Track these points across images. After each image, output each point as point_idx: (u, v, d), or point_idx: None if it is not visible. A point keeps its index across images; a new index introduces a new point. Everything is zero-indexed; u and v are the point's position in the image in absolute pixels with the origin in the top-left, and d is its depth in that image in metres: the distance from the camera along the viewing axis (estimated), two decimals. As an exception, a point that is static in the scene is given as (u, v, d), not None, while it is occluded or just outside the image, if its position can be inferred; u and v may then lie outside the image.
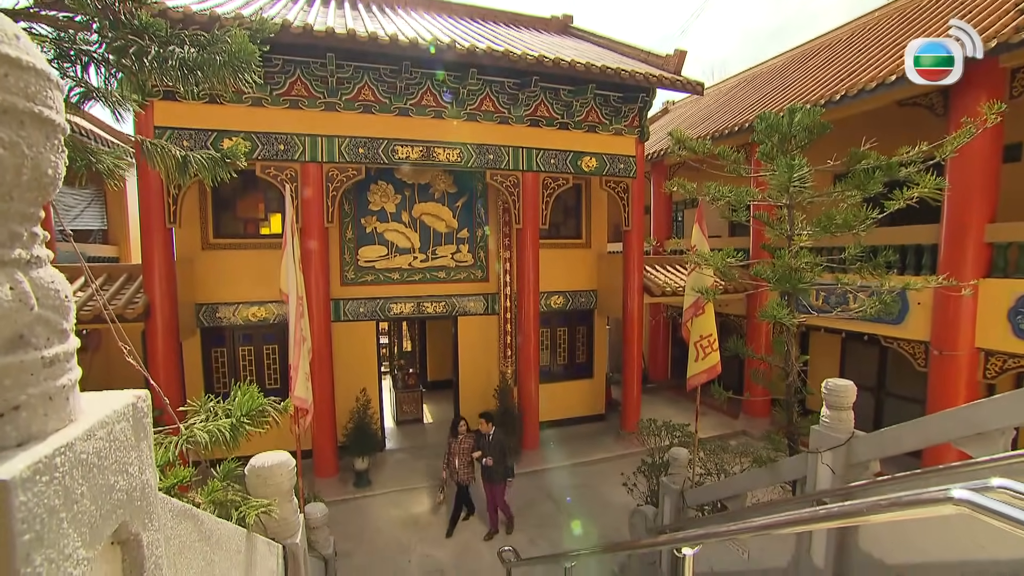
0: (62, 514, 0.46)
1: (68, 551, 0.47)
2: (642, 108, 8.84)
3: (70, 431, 0.49)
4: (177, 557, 0.96)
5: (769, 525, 2.01)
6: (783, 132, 3.89)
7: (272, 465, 2.35)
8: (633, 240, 9.06)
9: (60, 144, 0.51)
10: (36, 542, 0.42)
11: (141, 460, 0.64)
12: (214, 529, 1.20)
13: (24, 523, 0.41)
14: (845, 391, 3.61)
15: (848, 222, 3.56)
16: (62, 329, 0.51)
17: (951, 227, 6.85)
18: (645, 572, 5.76)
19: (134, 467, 0.61)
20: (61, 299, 0.51)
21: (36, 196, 0.49)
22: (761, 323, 9.63)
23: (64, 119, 0.51)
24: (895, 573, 3.24)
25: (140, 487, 0.63)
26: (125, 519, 0.59)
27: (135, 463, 0.62)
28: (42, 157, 0.48)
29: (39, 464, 0.43)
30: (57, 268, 0.56)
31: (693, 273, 5.00)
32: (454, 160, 7.87)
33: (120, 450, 0.58)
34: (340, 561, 5.92)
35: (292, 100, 7.11)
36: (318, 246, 7.45)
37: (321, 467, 7.79)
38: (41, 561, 0.43)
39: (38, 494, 0.43)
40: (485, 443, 6.43)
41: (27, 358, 0.47)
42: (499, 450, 6.37)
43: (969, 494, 1.24)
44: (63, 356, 0.51)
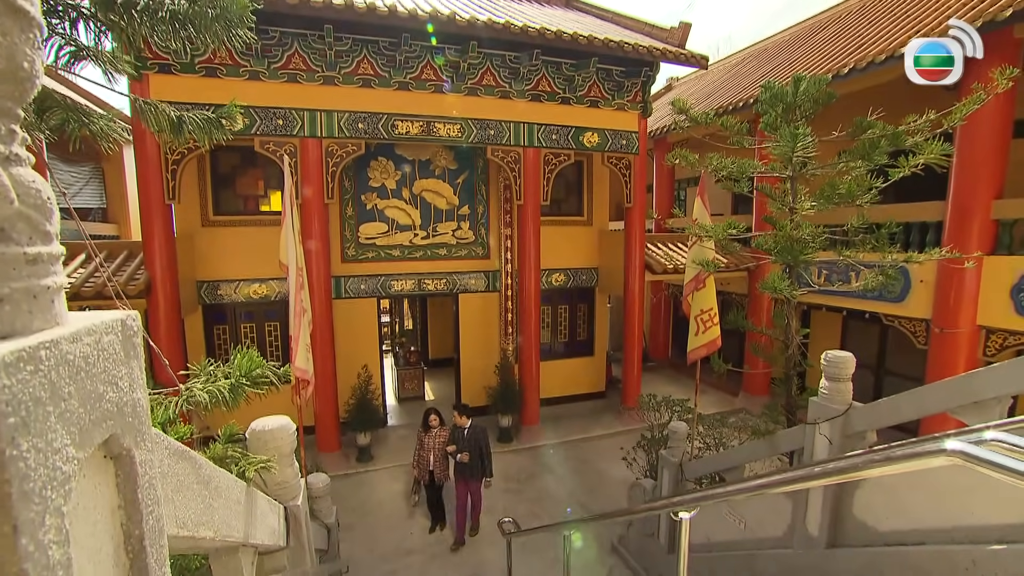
0: (49, 407, 0.46)
1: (57, 445, 0.47)
2: (645, 83, 8.70)
3: (56, 331, 0.49)
4: (175, 495, 0.97)
5: (765, 484, 2.03)
6: (788, 102, 3.82)
7: (273, 428, 2.38)
8: (635, 217, 9.00)
9: (37, 41, 0.50)
10: (22, 427, 0.42)
11: (131, 377, 0.64)
12: (213, 475, 1.22)
13: (8, 406, 0.40)
14: (844, 362, 3.62)
15: (851, 191, 3.52)
16: (45, 231, 0.50)
17: (957, 203, 6.79)
18: (643, 543, 5.87)
19: (124, 383, 0.61)
20: (43, 199, 0.50)
21: (12, 90, 0.48)
22: (763, 301, 9.63)
23: (40, 15, 0.50)
24: (887, 539, 3.30)
25: (131, 404, 0.63)
26: (116, 432, 0.59)
27: (125, 379, 0.62)
28: (17, 48, 0.47)
29: (23, 352, 0.43)
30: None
31: (694, 247, 4.99)
32: (454, 135, 7.79)
33: (108, 361, 0.58)
34: (343, 533, 6.03)
35: (290, 74, 7.01)
36: (318, 223, 7.42)
37: (324, 442, 7.89)
38: (28, 448, 0.43)
39: (22, 381, 0.42)
40: (459, 436, 5.87)
41: (8, 251, 0.46)
42: (475, 445, 5.84)
43: (962, 445, 1.24)
44: (47, 257, 0.51)
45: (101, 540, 0.59)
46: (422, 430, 6.08)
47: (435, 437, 6.00)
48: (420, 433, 6.11)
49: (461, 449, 5.77)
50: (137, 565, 0.65)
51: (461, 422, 5.89)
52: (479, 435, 5.89)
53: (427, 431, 6.04)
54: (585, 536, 6.22)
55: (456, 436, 5.88)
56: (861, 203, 3.67)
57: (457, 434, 5.88)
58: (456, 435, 5.88)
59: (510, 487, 7.37)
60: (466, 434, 5.85)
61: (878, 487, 3.43)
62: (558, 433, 8.91)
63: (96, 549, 0.58)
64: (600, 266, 10.09)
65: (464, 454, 5.74)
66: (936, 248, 4.54)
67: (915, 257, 3.83)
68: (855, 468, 1.60)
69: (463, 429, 5.87)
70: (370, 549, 6.05)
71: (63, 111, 2.03)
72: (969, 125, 6.50)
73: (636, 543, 6.00)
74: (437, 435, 6.01)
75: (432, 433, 6.01)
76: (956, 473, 3.01)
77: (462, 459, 5.73)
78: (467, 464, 5.76)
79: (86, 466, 0.56)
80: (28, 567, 0.42)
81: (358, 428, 7.84)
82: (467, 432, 5.86)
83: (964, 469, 3.01)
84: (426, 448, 6.02)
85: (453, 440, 5.87)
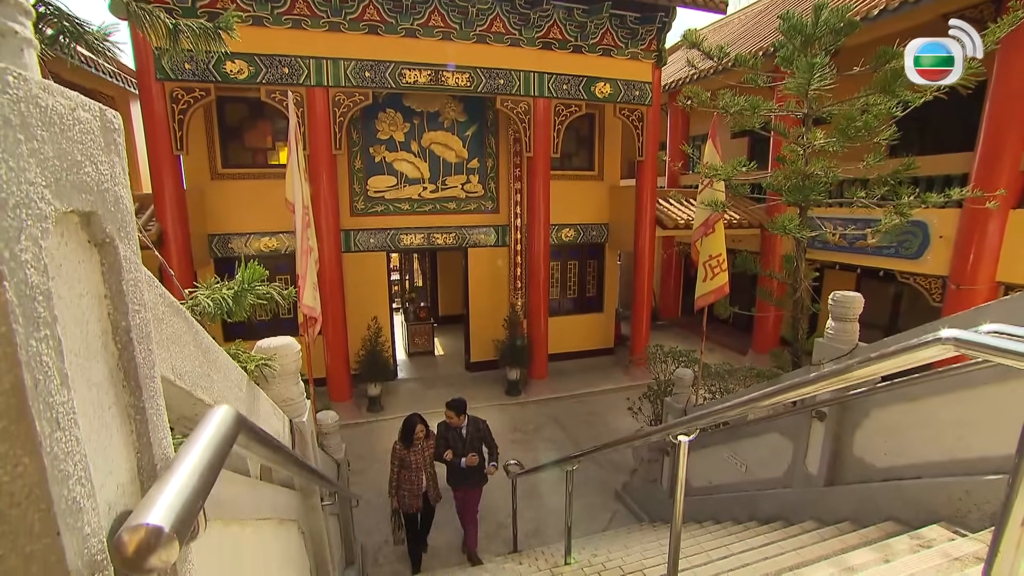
0: (19, 135, 0.47)
1: (31, 177, 0.48)
2: (660, 30, 8.38)
3: (27, 72, 0.49)
4: (171, 344, 1.00)
5: (758, 397, 2.05)
6: (807, 34, 3.65)
7: (278, 346, 2.43)
8: (646, 171, 8.83)
9: None
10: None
11: (112, 171, 0.64)
12: (211, 346, 1.25)
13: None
14: (851, 302, 3.58)
15: (869, 124, 3.39)
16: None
17: (985, 153, 6.53)
18: (646, 489, 6.02)
19: (104, 167, 0.62)
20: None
21: None
22: (775, 258, 9.50)
23: None
24: (885, 475, 3.34)
25: (112, 194, 0.64)
26: (95, 210, 0.60)
27: (105, 165, 0.62)
28: None
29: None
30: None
31: (705, 190, 4.89)
32: (463, 85, 7.62)
33: (85, 135, 0.58)
34: (355, 477, 6.26)
35: (295, 19, 6.85)
36: (327, 174, 7.40)
37: (335, 392, 8.09)
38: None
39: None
40: (456, 438, 4.67)
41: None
42: (478, 444, 4.75)
43: (956, 332, 1.22)
44: (13, 3, 0.51)
45: (87, 318, 0.61)
46: (401, 446, 4.66)
47: (421, 452, 4.70)
48: (398, 450, 4.66)
49: (461, 452, 4.64)
50: (125, 357, 0.68)
51: (457, 421, 4.70)
52: (481, 430, 4.84)
53: (409, 447, 4.65)
54: (590, 484, 6.39)
55: (451, 438, 4.70)
56: (880, 140, 3.54)
57: (452, 436, 4.71)
58: (451, 437, 4.71)
59: (517, 438, 7.55)
60: (465, 433, 4.74)
61: (879, 426, 3.45)
62: (566, 387, 9.04)
63: (82, 320, 0.60)
64: (611, 222, 9.98)
65: (472, 456, 4.63)
66: (959, 207, 4.37)
67: (931, 198, 3.71)
68: (850, 370, 1.60)
69: (459, 429, 4.74)
70: (380, 492, 6.27)
71: (58, 21, 2.01)
72: (1003, 71, 6.21)
73: (639, 490, 6.16)
74: (424, 449, 4.73)
75: (416, 448, 4.67)
76: (957, 407, 3.02)
77: (469, 463, 4.59)
78: (470, 470, 4.65)
79: (69, 246, 0.58)
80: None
81: (369, 379, 8.01)
82: (466, 431, 4.75)
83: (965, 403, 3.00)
84: (413, 467, 4.64)
85: (447, 445, 4.67)
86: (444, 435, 4.71)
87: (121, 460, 0.67)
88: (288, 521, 2.18)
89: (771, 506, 4.22)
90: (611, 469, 6.73)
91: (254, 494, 1.59)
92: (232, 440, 0.75)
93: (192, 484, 0.59)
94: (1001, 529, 0.96)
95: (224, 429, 0.73)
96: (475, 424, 4.81)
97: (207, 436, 0.69)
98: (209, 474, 0.63)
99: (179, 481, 0.58)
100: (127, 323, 0.67)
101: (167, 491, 0.56)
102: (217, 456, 0.67)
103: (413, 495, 4.65)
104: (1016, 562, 0.98)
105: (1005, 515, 0.95)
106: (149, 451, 0.71)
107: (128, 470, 0.68)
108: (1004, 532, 0.95)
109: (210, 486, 0.62)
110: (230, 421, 0.76)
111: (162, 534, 0.50)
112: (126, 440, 0.68)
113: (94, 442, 0.61)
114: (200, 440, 0.67)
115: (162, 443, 0.75)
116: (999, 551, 0.97)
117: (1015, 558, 0.97)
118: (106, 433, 0.64)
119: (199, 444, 0.66)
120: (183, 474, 0.59)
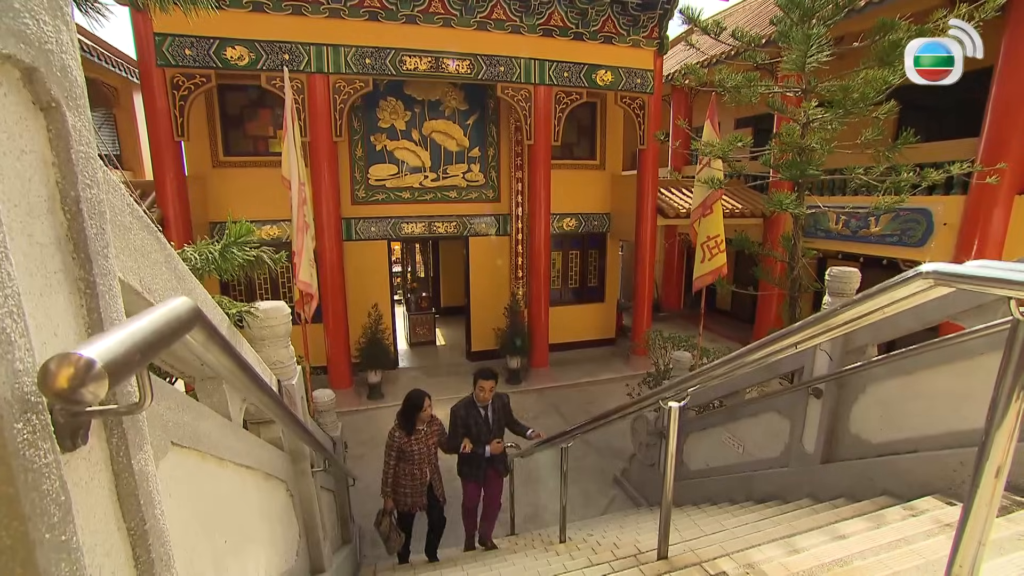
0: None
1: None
2: (662, 17, 8.33)
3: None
4: (138, 256, 1.00)
5: (746, 351, 2.04)
6: (806, 7, 3.62)
7: (268, 308, 2.44)
8: (648, 160, 8.80)
9: None
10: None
11: (58, 35, 0.64)
12: (187, 275, 1.25)
13: None
14: (848, 277, 3.57)
15: (866, 95, 3.35)
16: None
17: (991, 138, 6.45)
18: (644, 474, 6.00)
19: (48, 28, 0.61)
20: None
21: None
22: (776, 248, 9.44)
23: None
24: (880, 451, 3.31)
25: (59, 59, 0.64)
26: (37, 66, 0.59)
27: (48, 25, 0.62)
28: None
29: None
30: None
31: (703, 169, 4.86)
32: (464, 72, 7.61)
33: None
34: (354, 463, 6.27)
35: (295, 5, 6.86)
36: (327, 161, 7.41)
37: (336, 379, 8.11)
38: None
39: None
40: (477, 420, 3.81)
41: None
42: (502, 425, 3.96)
43: (936, 265, 1.21)
44: None
45: (31, 176, 0.61)
46: (401, 433, 3.70)
47: (424, 440, 3.76)
48: (397, 438, 3.70)
49: (486, 438, 3.78)
50: (75, 228, 0.67)
51: (485, 397, 3.79)
52: (506, 408, 4.00)
53: (410, 434, 3.69)
54: (588, 471, 6.38)
55: (472, 423, 3.79)
56: (878, 115, 3.51)
57: (474, 419, 3.80)
58: (472, 422, 3.80)
59: (517, 424, 7.54)
60: (491, 414, 3.84)
61: (875, 402, 3.43)
62: (566, 376, 9.03)
63: (24, 177, 0.60)
64: (613, 211, 9.96)
65: (497, 442, 3.79)
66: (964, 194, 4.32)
67: (931, 174, 3.67)
68: (835, 314, 1.58)
69: (484, 407, 3.83)
70: (378, 479, 6.31)
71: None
72: (1011, 54, 6.12)
73: (637, 475, 6.14)
74: (427, 435, 3.79)
75: (420, 434, 3.73)
76: (953, 379, 2.99)
77: (494, 451, 3.80)
78: (492, 458, 3.85)
79: (8, 97, 0.58)
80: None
81: (369, 366, 8.04)
82: (490, 411, 3.85)
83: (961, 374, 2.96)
84: (414, 459, 3.71)
85: (467, 432, 3.79)
86: (464, 420, 3.77)
87: (69, 329, 0.67)
88: (275, 479, 2.18)
89: (768, 486, 4.20)
90: (610, 456, 6.72)
91: (235, 437, 1.60)
92: (185, 326, 0.74)
93: (132, 340, 0.58)
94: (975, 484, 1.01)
95: (178, 312, 0.72)
96: (501, 401, 3.95)
97: (157, 311, 0.68)
98: (152, 338, 0.62)
99: (120, 334, 0.57)
100: (76, 194, 0.67)
101: (105, 337, 0.55)
102: (164, 328, 0.65)
103: (415, 492, 3.79)
104: (988, 517, 1.03)
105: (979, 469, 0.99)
106: (100, 328, 0.71)
107: (76, 338, 0.68)
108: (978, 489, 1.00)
109: (152, 351, 0.61)
110: (186, 308, 0.75)
111: (93, 366, 0.49)
112: (76, 312, 0.68)
113: (36, 299, 0.61)
114: (149, 314, 0.66)
115: (115, 323, 0.75)
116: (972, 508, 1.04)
117: (987, 514, 1.03)
118: (52, 295, 0.64)
119: (147, 315, 0.65)
120: (124, 330, 0.59)
